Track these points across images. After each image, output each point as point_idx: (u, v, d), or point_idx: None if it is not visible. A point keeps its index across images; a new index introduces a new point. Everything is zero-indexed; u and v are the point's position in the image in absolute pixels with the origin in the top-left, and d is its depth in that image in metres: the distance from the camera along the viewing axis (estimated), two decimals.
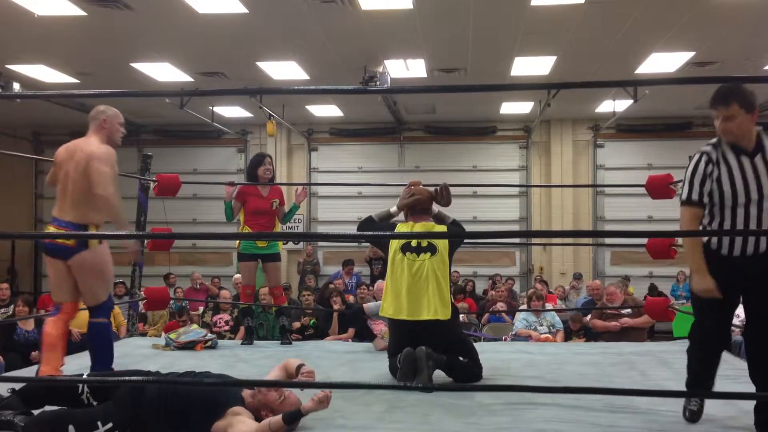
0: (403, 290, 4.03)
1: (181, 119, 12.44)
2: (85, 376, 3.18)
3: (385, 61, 9.37)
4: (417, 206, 4.28)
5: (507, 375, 4.29)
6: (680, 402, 3.29)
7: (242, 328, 6.27)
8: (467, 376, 4.03)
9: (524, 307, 8.27)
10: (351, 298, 8.90)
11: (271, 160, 5.87)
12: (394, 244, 4.11)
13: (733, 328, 7.95)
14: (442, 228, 4.24)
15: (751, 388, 3.14)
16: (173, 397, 2.93)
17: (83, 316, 7.11)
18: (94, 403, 3.01)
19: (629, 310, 6.72)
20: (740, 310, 7.79)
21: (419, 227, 4.19)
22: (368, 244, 11.20)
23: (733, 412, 3.29)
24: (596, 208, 13.67)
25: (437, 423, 3.21)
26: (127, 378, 3.05)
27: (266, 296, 6.55)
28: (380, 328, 6.10)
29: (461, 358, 4.04)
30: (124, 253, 4.00)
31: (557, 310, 7.93)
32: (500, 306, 8.60)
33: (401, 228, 4.28)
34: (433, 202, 4.33)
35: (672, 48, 8.87)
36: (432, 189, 4.35)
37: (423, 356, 3.83)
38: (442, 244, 4.13)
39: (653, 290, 11.29)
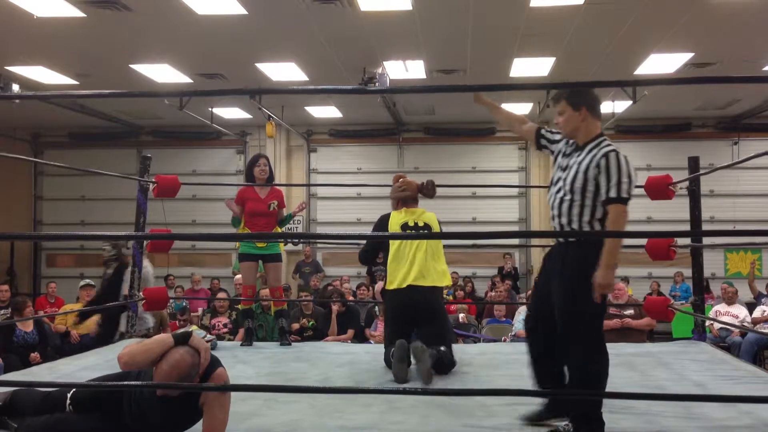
0: (407, 260, 4.38)
1: (180, 120, 12.43)
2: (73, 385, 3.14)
3: (384, 63, 9.36)
4: (408, 197, 4.71)
5: (506, 375, 4.29)
6: (680, 402, 3.28)
7: (241, 330, 6.25)
8: (446, 365, 4.27)
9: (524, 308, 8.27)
10: (352, 298, 8.90)
11: (267, 160, 5.87)
12: (395, 226, 4.52)
13: (731, 328, 7.98)
14: (432, 214, 4.68)
15: (752, 389, 3.14)
16: (140, 401, 2.91)
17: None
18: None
19: (631, 311, 6.71)
20: (739, 311, 7.79)
21: (411, 212, 4.64)
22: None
23: (733, 413, 3.28)
24: None
25: (437, 423, 3.21)
26: (107, 383, 3.03)
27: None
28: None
29: (442, 348, 4.24)
30: None
31: None
32: (498, 312, 8.58)
33: (396, 216, 4.65)
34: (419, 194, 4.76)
35: (671, 49, 8.88)
36: (419, 182, 4.78)
37: (419, 350, 3.98)
38: (435, 227, 4.64)
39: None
